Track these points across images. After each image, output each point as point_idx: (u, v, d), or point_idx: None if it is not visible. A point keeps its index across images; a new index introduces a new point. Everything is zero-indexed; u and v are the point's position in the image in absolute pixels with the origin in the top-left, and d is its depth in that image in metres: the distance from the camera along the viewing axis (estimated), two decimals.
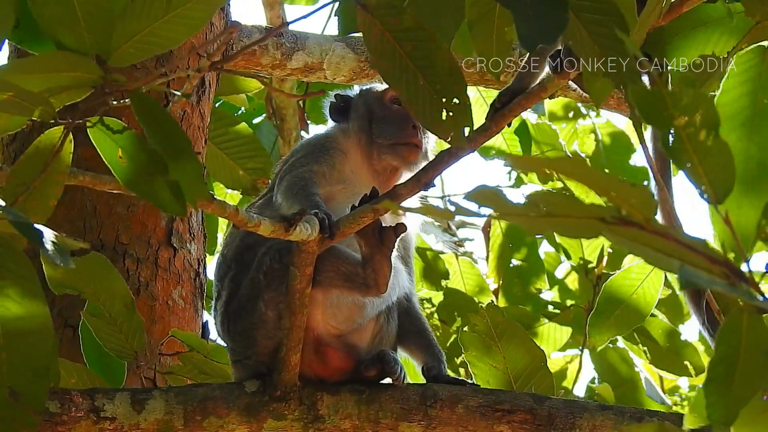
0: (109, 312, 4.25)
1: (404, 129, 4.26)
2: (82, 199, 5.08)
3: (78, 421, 3.87)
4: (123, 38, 3.04)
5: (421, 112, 3.20)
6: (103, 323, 4.27)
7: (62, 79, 3.00)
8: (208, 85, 5.47)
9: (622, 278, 4.96)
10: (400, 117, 4.28)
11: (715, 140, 2.02)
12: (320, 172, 4.18)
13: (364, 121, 4.33)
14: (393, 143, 4.27)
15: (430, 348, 4.25)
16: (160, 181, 3.01)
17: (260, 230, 3.54)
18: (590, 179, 1.90)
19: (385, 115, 4.32)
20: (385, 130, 4.29)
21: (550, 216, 1.77)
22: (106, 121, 3.09)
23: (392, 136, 4.27)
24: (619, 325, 5.08)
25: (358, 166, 4.29)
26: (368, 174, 4.30)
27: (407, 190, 3.72)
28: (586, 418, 4.03)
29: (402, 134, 4.27)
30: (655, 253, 1.82)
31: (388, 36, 3.17)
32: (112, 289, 4.23)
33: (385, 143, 4.28)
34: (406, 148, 4.27)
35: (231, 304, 4.18)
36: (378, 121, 4.31)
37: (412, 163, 4.27)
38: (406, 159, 4.27)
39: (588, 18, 3.13)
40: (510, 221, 1.88)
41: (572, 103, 8.20)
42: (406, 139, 4.26)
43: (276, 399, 4.02)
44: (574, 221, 1.79)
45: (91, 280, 4.20)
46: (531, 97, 3.67)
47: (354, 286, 4.00)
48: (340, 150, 4.28)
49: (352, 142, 4.32)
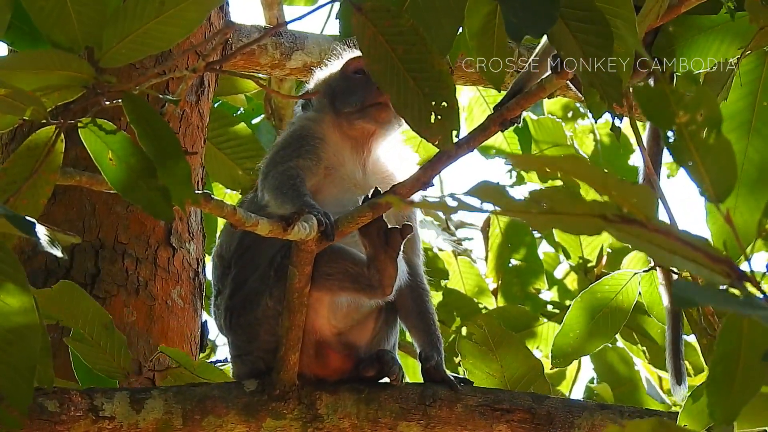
0: (90, 335, 4.25)
1: (369, 92, 4.22)
2: (80, 198, 5.07)
3: (77, 420, 3.87)
4: (115, 38, 3.04)
5: (410, 114, 3.21)
6: (87, 346, 4.27)
7: (54, 78, 3.00)
8: (207, 85, 5.46)
9: (596, 291, 4.87)
10: (364, 83, 4.24)
11: (717, 138, 2.02)
12: (306, 166, 4.14)
13: (327, 99, 4.31)
14: (360, 108, 4.24)
15: (428, 333, 4.21)
16: (150, 185, 3.01)
17: (258, 229, 3.54)
18: (591, 178, 1.90)
19: (348, 86, 4.29)
20: (349, 98, 4.26)
21: (552, 213, 1.77)
22: (98, 122, 3.08)
23: (358, 102, 4.24)
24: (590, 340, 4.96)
25: (338, 146, 4.26)
26: (349, 149, 4.26)
27: (406, 189, 3.72)
28: (585, 417, 4.04)
29: (367, 97, 4.22)
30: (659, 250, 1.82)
31: (380, 38, 3.18)
32: (87, 313, 4.23)
33: (353, 110, 4.24)
34: (375, 108, 4.22)
35: (234, 299, 4.18)
36: (340, 93, 4.29)
37: (385, 122, 4.25)
38: (378, 119, 4.24)
39: (576, 26, 3.14)
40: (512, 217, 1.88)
41: (571, 103, 8.20)
42: (372, 100, 4.22)
43: (275, 398, 4.02)
44: (576, 218, 1.79)
45: (66, 306, 4.20)
46: (530, 96, 3.67)
47: (360, 287, 3.99)
48: (317, 137, 4.25)
49: (324, 124, 4.29)
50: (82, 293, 4.24)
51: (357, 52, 4.37)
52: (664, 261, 1.85)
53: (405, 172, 4.02)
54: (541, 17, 2.99)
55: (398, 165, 4.31)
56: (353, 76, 4.31)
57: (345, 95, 4.27)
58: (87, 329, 4.24)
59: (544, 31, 3.05)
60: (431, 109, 3.20)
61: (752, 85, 3.73)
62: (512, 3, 2.98)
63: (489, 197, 1.70)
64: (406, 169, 4.15)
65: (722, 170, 2.05)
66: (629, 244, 1.82)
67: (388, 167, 4.30)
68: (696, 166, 2.05)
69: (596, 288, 4.67)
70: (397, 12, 3.16)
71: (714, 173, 2.06)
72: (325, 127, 4.28)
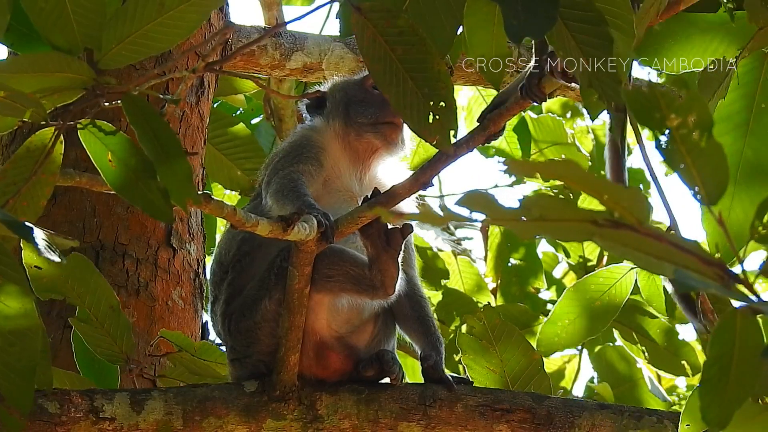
0: (95, 315, 4.25)
1: (385, 109, 4.25)
2: (81, 200, 5.08)
3: (77, 421, 3.88)
4: (115, 40, 3.05)
5: (408, 115, 3.22)
6: (91, 328, 4.26)
7: (53, 80, 3.00)
8: (206, 85, 5.47)
9: (589, 283, 4.86)
10: (381, 100, 4.26)
11: (709, 141, 2.02)
12: (306, 170, 4.16)
13: (342, 106, 4.32)
14: (373, 122, 4.26)
15: (428, 335, 4.21)
16: (149, 186, 3.01)
17: (258, 230, 3.54)
18: (583, 182, 1.90)
19: (365, 98, 4.31)
20: (364, 110, 4.28)
21: (543, 220, 1.78)
22: (97, 123, 3.09)
23: (372, 116, 4.26)
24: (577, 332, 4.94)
25: (337, 158, 4.27)
26: (349, 160, 4.28)
27: (405, 189, 3.72)
28: (585, 417, 4.04)
29: (382, 113, 4.26)
30: (647, 257, 1.82)
31: (380, 39, 3.18)
32: (96, 292, 4.22)
33: (365, 122, 4.27)
34: (387, 126, 4.26)
35: (232, 304, 4.18)
36: (357, 103, 4.30)
37: (393, 143, 4.27)
38: (387, 137, 4.26)
39: (576, 27, 3.14)
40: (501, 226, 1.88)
41: (570, 102, 8.20)
42: (386, 118, 4.25)
43: (275, 399, 4.03)
44: (566, 224, 1.79)
45: (75, 282, 4.19)
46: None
47: (362, 288, 3.99)
48: (318, 146, 4.26)
49: (328, 135, 4.30)
50: (93, 269, 4.23)
51: None
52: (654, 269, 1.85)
53: None
54: (541, 19, 2.99)
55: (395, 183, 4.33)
56: (372, 90, 4.33)
57: (361, 106, 4.29)
58: (93, 310, 4.24)
59: (545, 33, 3.05)
60: (430, 110, 3.21)
61: (750, 87, 3.73)
62: (512, 4, 2.98)
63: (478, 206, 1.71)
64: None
65: (714, 173, 2.06)
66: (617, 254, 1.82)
67: (385, 183, 4.31)
68: (688, 169, 2.05)
69: (590, 280, 4.66)
70: (396, 12, 3.16)
71: (706, 176, 2.06)
72: (327, 137, 4.30)
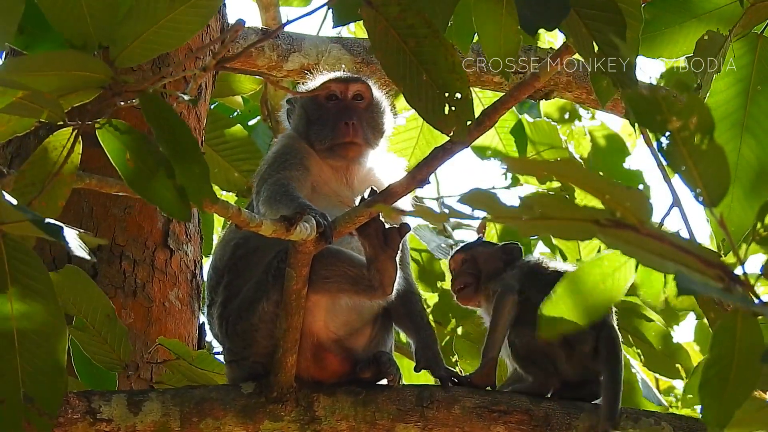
0: (92, 324, 4.25)
1: (336, 128, 4.25)
2: (78, 201, 5.08)
3: (74, 423, 3.88)
4: (130, 37, 3.04)
5: (423, 107, 3.21)
6: (88, 336, 4.27)
7: (71, 79, 2.99)
8: (204, 87, 5.47)
9: (592, 267, 4.86)
10: (333, 115, 4.27)
11: (710, 144, 2.03)
12: (294, 176, 4.17)
13: (302, 126, 4.34)
14: (330, 146, 4.27)
15: (420, 332, 4.21)
16: (166, 184, 3.00)
17: (262, 230, 3.54)
18: (585, 182, 1.90)
19: (320, 116, 4.31)
20: (320, 132, 4.29)
21: (544, 218, 1.78)
22: (114, 122, 3.08)
23: (327, 139, 4.27)
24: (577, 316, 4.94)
25: (320, 164, 4.29)
26: (331, 168, 4.30)
27: (402, 187, 3.71)
28: (583, 418, 4.04)
29: (335, 134, 4.26)
30: (649, 255, 1.82)
31: (392, 32, 3.17)
32: (92, 301, 4.24)
33: (322, 147, 4.28)
34: (343, 147, 4.27)
35: (229, 307, 4.18)
36: (313, 124, 4.31)
37: (354, 159, 4.28)
38: (347, 157, 4.28)
39: (588, 14, 3.14)
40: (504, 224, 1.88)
41: (568, 104, 8.21)
42: (340, 139, 4.26)
43: (272, 400, 4.02)
44: (568, 223, 1.80)
45: (71, 292, 4.20)
46: (524, 87, 3.65)
47: (360, 289, 3.99)
48: (301, 152, 4.28)
49: (303, 144, 4.32)
50: (88, 280, 4.24)
51: (332, 74, 4.39)
52: (656, 267, 1.85)
53: (395, 178, 4.02)
54: (555, 9, 2.99)
55: (388, 173, 4.33)
56: (326, 103, 4.32)
57: (317, 127, 4.29)
58: (89, 318, 4.24)
59: (558, 23, 3.04)
60: (445, 101, 3.20)
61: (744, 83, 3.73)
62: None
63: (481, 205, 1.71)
64: (396, 175, 4.14)
65: (715, 175, 2.06)
66: (620, 250, 1.82)
67: (377, 177, 4.32)
68: (689, 171, 2.05)
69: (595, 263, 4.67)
70: (406, 4, 3.15)
71: (707, 178, 2.06)
72: (304, 146, 4.30)
